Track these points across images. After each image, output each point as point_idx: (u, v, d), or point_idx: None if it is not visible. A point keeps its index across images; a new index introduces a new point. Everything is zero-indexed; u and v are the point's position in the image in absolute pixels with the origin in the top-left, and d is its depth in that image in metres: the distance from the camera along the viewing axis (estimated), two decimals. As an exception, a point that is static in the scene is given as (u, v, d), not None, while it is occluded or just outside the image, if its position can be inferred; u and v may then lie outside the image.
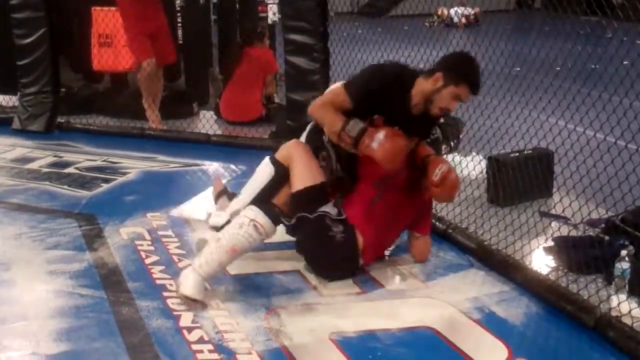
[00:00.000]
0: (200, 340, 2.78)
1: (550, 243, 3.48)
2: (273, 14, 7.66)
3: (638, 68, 3.37)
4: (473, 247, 3.59)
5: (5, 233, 3.85)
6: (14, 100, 6.42)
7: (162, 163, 5.26)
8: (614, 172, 3.22)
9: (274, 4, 7.62)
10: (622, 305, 2.86)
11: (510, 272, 3.32)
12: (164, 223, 4.00)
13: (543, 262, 3.39)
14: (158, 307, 3.03)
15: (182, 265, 3.42)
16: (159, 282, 3.28)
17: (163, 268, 3.42)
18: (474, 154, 4.65)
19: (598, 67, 4.15)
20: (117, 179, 4.84)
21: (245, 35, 6.74)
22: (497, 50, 4.34)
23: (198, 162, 5.25)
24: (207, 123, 6.07)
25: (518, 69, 5.45)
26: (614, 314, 2.84)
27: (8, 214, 4.14)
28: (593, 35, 6.54)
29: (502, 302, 3.14)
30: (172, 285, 3.20)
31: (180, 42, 6.84)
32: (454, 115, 5.12)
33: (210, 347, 2.74)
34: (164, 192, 4.60)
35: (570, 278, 3.19)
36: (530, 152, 4.28)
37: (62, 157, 5.37)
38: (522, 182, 4.11)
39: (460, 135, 5.29)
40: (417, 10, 6.55)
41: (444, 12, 16.29)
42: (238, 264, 3.28)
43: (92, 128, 6.14)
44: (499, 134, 4.12)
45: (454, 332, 2.88)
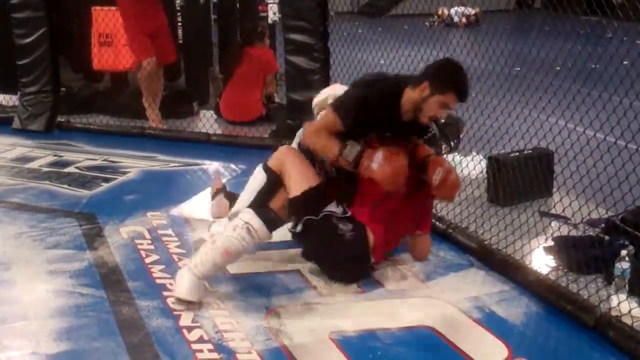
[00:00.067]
0: (200, 340, 2.78)
1: (550, 243, 3.49)
2: (273, 14, 7.66)
3: (638, 68, 3.37)
4: (473, 246, 3.60)
5: (6, 232, 3.85)
6: (14, 100, 6.42)
7: (162, 162, 5.26)
8: (614, 172, 3.22)
9: (274, 4, 7.62)
10: (622, 305, 2.86)
11: (511, 271, 3.32)
12: (164, 222, 4.00)
13: (543, 261, 3.40)
14: (158, 306, 3.04)
15: (182, 265, 3.43)
16: (159, 281, 3.28)
17: (163, 267, 3.43)
18: (474, 154, 4.65)
19: (598, 66, 4.15)
20: (117, 179, 4.84)
21: (246, 35, 6.74)
22: (497, 50, 4.34)
23: (198, 161, 5.26)
24: (207, 122, 6.07)
25: (518, 69, 5.45)
26: (614, 314, 2.84)
27: (8, 214, 4.14)
28: (593, 35, 6.53)
29: (502, 301, 3.14)
30: (172, 285, 3.19)
31: (181, 41, 6.84)
32: (454, 115, 5.13)
33: (210, 346, 2.74)
34: (164, 191, 4.60)
35: (570, 278, 3.19)
36: (530, 151, 4.28)
37: (62, 156, 5.37)
38: (522, 181, 4.11)
39: (461, 135, 5.29)
40: (417, 10, 6.56)
41: (444, 11, 16.30)
42: (238, 264, 3.28)
43: (92, 127, 6.14)
44: (499, 134, 4.12)
45: (454, 331, 2.88)
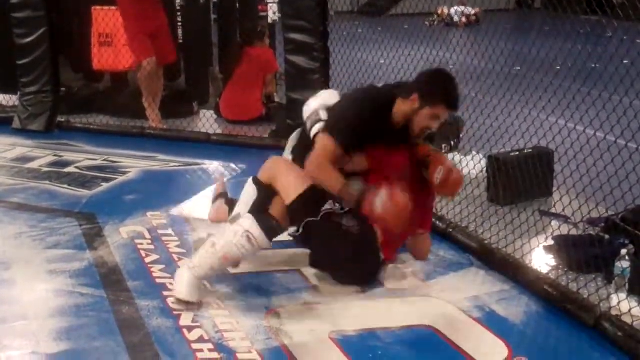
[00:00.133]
0: (201, 340, 2.78)
1: (551, 242, 3.49)
2: (273, 13, 7.66)
3: (638, 67, 3.38)
4: (473, 246, 3.59)
5: (6, 232, 3.85)
6: (14, 100, 6.42)
7: (162, 162, 5.26)
8: (614, 171, 3.22)
9: (274, 3, 7.62)
10: (622, 304, 2.87)
11: (511, 271, 3.32)
12: (164, 222, 4.00)
13: (543, 261, 3.40)
14: (158, 306, 3.04)
15: (181, 264, 3.43)
16: (159, 281, 3.28)
17: (163, 267, 3.42)
18: (474, 153, 4.65)
19: (598, 66, 4.16)
20: (117, 178, 4.84)
21: (246, 35, 6.74)
22: (497, 50, 4.34)
23: (198, 161, 5.25)
24: (207, 122, 6.07)
25: (518, 68, 5.45)
26: (614, 313, 2.84)
27: (8, 213, 4.14)
28: (593, 35, 6.53)
29: (502, 301, 3.14)
30: (172, 285, 3.19)
31: (181, 41, 6.85)
32: (454, 114, 5.12)
33: (211, 346, 2.74)
34: (164, 191, 4.60)
35: (571, 277, 3.19)
36: (531, 151, 4.28)
37: (62, 156, 5.37)
38: (522, 181, 4.11)
39: (461, 135, 5.29)
40: (417, 10, 6.56)
41: (444, 11, 16.30)
42: (238, 263, 3.28)
43: (92, 127, 6.14)
44: (499, 133, 4.12)
45: (454, 331, 2.88)
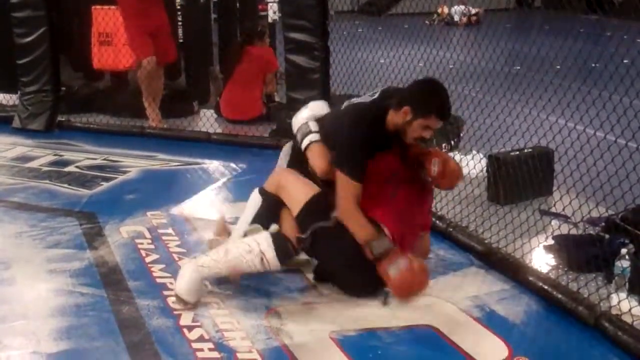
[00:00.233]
0: (201, 339, 2.78)
1: (551, 241, 3.49)
2: (273, 13, 7.67)
3: (638, 66, 3.37)
4: (473, 245, 3.59)
5: (6, 232, 3.85)
6: (14, 99, 6.43)
7: (162, 161, 5.26)
8: (614, 170, 3.22)
9: (274, 3, 7.63)
10: (622, 304, 2.87)
11: (511, 270, 3.32)
12: (164, 221, 4.00)
13: (543, 260, 3.39)
14: (158, 305, 3.04)
15: (182, 264, 3.42)
16: (159, 280, 3.28)
17: (163, 267, 3.43)
18: (474, 153, 4.65)
19: (598, 65, 4.15)
20: (117, 178, 4.84)
21: (246, 34, 6.74)
22: (497, 49, 4.34)
23: (198, 160, 5.25)
24: (207, 122, 6.07)
25: (518, 68, 5.45)
26: (614, 312, 2.84)
27: (8, 213, 4.14)
28: (593, 34, 6.53)
29: (502, 300, 3.14)
30: (172, 284, 3.19)
31: (181, 40, 6.84)
32: (454, 114, 5.12)
33: (211, 345, 2.74)
34: (164, 190, 4.60)
35: (571, 276, 3.19)
36: (531, 150, 4.28)
37: (62, 155, 5.37)
38: (522, 180, 4.11)
39: (461, 134, 5.29)
40: (417, 9, 6.56)
41: (444, 10, 16.29)
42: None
43: (92, 127, 6.14)
44: (499, 133, 4.12)
45: (454, 330, 2.88)
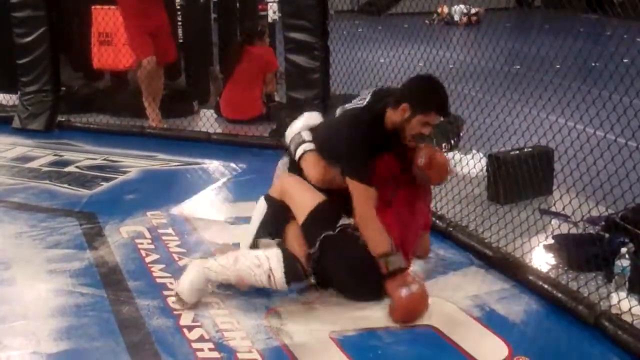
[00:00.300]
0: (201, 339, 2.78)
1: (551, 241, 3.49)
2: (273, 13, 7.66)
3: (638, 66, 3.36)
4: (473, 245, 3.59)
5: (6, 232, 3.85)
6: (14, 99, 6.42)
7: (162, 161, 5.26)
8: (614, 169, 3.22)
9: (274, 3, 7.62)
10: (622, 303, 2.87)
11: (511, 270, 3.32)
12: (164, 221, 4.00)
13: (543, 259, 3.39)
14: (158, 305, 3.04)
15: (182, 264, 3.43)
16: (159, 280, 3.28)
17: (163, 267, 3.43)
18: (474, 152, 4.65)
19: (598, 64, 4.14)
20: (117, 178, 4.84)
21: (246, 34, 6.73)
22: (497, 48, 4.33)
23: (198, 160, 5.25)
24: (207, 121, 6.07)
25: (518, 67, 5.45)
26: (614, 312, 2.84)
27: (8, 213, 4.14)
28: (593, 33, 6.53)
29: (502, 299, 3.14)
30: (172, 284, 3.20)
31: (181, 40, 6.84)
32: (454, 113, 5.12)
33: (211, 345, 2.74)
34: (164, 190, 4.60)
35: (571, 276, 3.19)
36: (531, 149, 4.28)
37: (62, 155, 5.37)
38: (522, 179, 4.11)
39: (461, 133, 5.29)
40: (417, 9, 6.55)
41: (444, 10, 16.27)
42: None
43: (92, 127, 6.14)
44: (499, 132, 4.12)
45: (455, 330, 2.88)
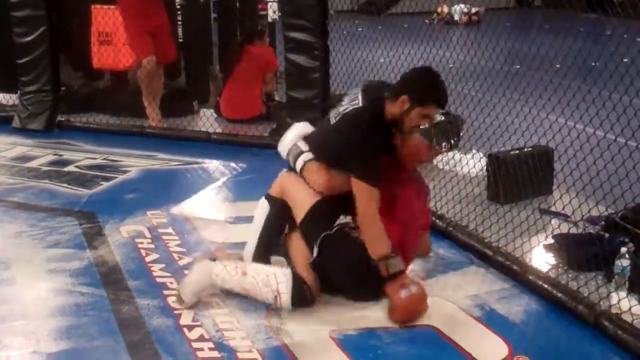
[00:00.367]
0: (201, 339, 2.78)
1: (551, 240, 3.49)
2: (273, 12, 7.66)
3: (638, 65, 3.37)
4: (473, 244, 3.59)
5: (5, 231, 3.85)
6: (14, 99, 6.42)
7: (162, 161, 5.25)
8: (614, 169, 3.22)
9: (274, 2, 7.62)
10: (622, 303, 2.87)
11: (511, 269, 3.32)
12: (164, 221, 4.00)
13: (543, 259, 3.39)
14: (158, 305, 3.04)
15: (182, 263, 3.43)
16: (159, 280, 3.28)
17: (163, 266, 3.42)
18: (474, 152, 4.65)
19: (598, 64, 4.15)
20: (117, 177, 4.84)
21: (246, 33, 6.73)
22: (497, 48, 4.33)
23: (198, 160, 5.25)
24: (207, 121, 6.06)
25: (518, 67, 5.45)
26: (614, 311, 2.84)
27: (8, 213, 4.14)
28: (593, 33, 6.53)
29: (502, 299, 3.14)
30: (172, 284, 3.20)
31: (181, 40, 6.84)
32: (454, 113, 5.11)
33: (211, 345, 2.74)
34: (164, 190, 4.60)
35: (571, 275, 3.19)
36: (531, 149, 4.28)
37: (62, 155, 5.37)
38: (522, 179, 4.11)
39: (461, 133, 5.26)
40: (417, 8, 6.55)
41: (444, 9, 16.26)
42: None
43: (92, 126, 6.14)
44: (499, 132, 4.12)
45: (455, 329, 2.88)
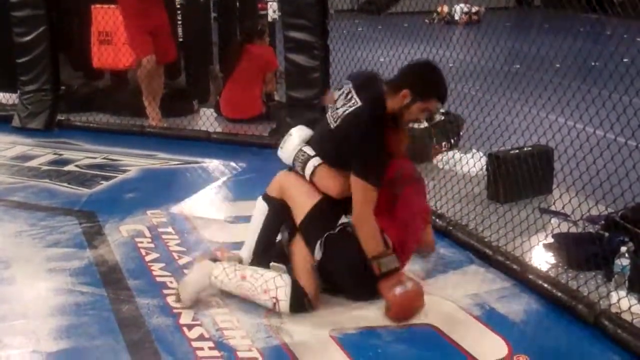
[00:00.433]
0: (201, 338, 2.78)
1: (550, 240, 3.49)
2: (273, 12, 7.66)
3: (638, 65, 3.36)
4: (473, 243, 3.59)
5: (5, 231, 3.85)
6: (14, 98, 6.42)
7: (162, 160, 5.26)
8: (614, 168, 3.22)
9: (274, 2, 7.62)
10: (621, 302, 2.87)
11: (511, 268, 3.32)
12: (164, 220, 4.01)
13: (543, 258, 3.39)
14: (158, 304, 3.04)
15: (182, 263, 3.44)
16: (159, 279, 3.28)
17: (163, 265, 3.43)
18: (474, 151, 4.65)
19: (598, 64, 4.14)
20: (117, 177, 4.84)
21: (245, 33, 6.73)
22: (497, 48, 4.33)
23: (198, 159, 5.25)
24: (207, 120, 6.07)
25: (518, 66, 5.45)
26: (614, 310, 2.84)
27: (8, 212, 4.14)
28: (593, 33, 6.55)
29: (502, 298, 3.14)
30: (172, 283, 3.20)
31: (181, 39, 6.84)
32: (454, 112, 5.12)
33: (211, 344, 2.74)
34: (164, 189, 4.60)
35: (570, 274, 3.19)
36: (530, 149, 4.28)
37: (62, 154, 5.37)
38: (522, 178, 4.11)
39: (461, 132, 5.29)
40: (417, 8, 6.54)
41: (444, 9, 16.26)
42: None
43: (92, 126, 6.15)
44: (499, 131, 4.12)
45: (454, 328, 2.88)
